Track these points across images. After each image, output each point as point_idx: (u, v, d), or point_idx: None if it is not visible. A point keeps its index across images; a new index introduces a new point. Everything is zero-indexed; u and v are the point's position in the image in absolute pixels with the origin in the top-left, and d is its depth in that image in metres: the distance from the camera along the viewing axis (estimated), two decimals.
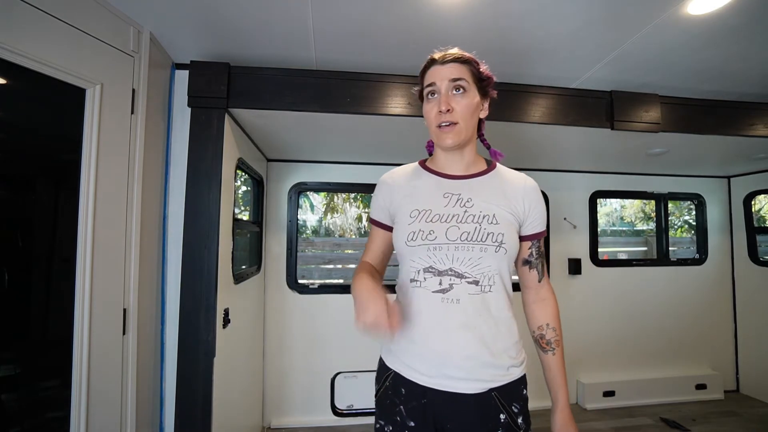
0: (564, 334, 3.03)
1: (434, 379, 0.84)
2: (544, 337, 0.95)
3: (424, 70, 0.92)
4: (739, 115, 1.90)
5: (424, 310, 0.85)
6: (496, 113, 1.68)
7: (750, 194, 2.90)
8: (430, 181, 0.93)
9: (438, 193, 0.90)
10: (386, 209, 0.96)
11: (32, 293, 1.13)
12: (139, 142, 1.37)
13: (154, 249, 1.50)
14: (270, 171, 2.45)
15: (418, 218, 0.87)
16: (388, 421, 0.89)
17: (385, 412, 0.90)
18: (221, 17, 1.31)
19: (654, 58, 1.55)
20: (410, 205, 0.89)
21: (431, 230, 0.85)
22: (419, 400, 0.85)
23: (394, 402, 0.88)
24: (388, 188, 0.96)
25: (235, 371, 1.76)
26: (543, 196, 0.97)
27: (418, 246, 0.85)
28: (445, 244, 0.84)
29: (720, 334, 2.95)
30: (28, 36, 1.03)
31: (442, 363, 0.83)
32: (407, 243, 0.86)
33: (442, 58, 0.89)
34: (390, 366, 0.90)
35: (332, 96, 1.55)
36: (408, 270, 0.88)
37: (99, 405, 1.22)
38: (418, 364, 0.85)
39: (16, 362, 1.08)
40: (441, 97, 0.87)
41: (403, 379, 0.87)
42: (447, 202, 0.88)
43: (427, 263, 0.85)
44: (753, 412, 2.60)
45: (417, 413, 0.85)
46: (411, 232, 0.86)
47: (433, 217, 0.86)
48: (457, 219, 0.86)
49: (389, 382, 0.90)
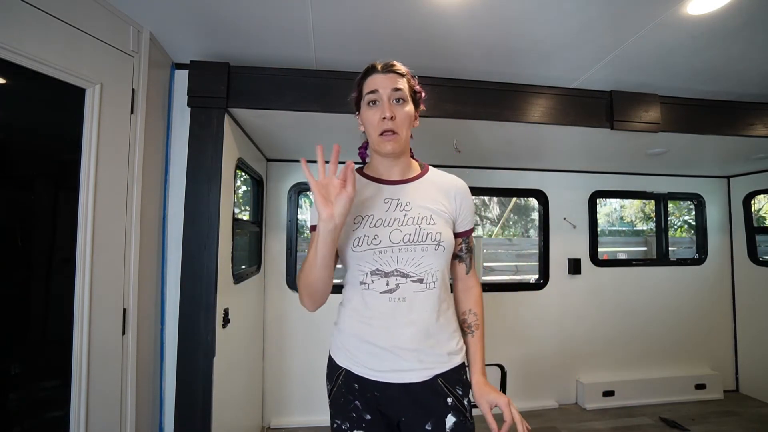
0: (563, 333, 3.03)
1: (385, 374, 0.89)
2: (466, 321, 1.03)
3: (363, 77, 0.96)
4: (739, 115, 1.90)
5: (374, 311, 0.90)
6: (496, 113, 1.68)
7: (750, 194, 2.90)
8: (370, 188, 0.97)
9: (379, 199, 0.95)
10: None
11: (32, 293, 1.13)
12: (138, 142, 1.37)
13: (153, 249, 1.50)
14: (270, 171, 2.45)
15: (362, 224, 0.91)
16: (345, 419, 0.92)
17: (341, 410, 0.93)
18: (221, 17, 1.31)
19: (654, 58, 1.55)
20: (353, 212, 0.92)
21: (375, 234, 0.90)
22: (372, 392, 0.90)
23: (348, 399, 0.92)
24: None
25: (235, 371, 1.76)
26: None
27: (365, 251, 0.89)
28: (389, 247, 0.89)
29: (719, 334, 2.96)
30: (28, 35, 1.03)
31: (391, 358, 0.89)
32: (353, 249, 0.90)
33: (383, 67, 0.94)
34: (340, 364, 0.94)
35: (332, 96, 1.55)
36: (356, 274, 0.92)
37: (98, 405, 1.22)
38: (370, 362, 0.90)
39: (15, 362, 1.08)
40: (384, 105, 0.91)
41: (354, 376, 0.91)
42: (387, 206, 0.94)
43: (373, 266, 0.89)
44: (752, 411, 2.60)
45: (372, 406, 0.91)
46: (357, 238, 0.90)
47: (376, 222, 0.91)
48: (398, 222, 0.91)
49: (342, 380, 0.93)
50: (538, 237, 2.82)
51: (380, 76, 0.93)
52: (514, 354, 2.64)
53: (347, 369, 0.92)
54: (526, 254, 5.08)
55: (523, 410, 2.59)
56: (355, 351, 0.92)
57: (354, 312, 0.93)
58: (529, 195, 2.79)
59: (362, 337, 0.91)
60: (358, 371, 0.91)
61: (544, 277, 2.73)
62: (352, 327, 0.93)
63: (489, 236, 8.55)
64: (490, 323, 2.62)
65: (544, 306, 2.71)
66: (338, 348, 0.96)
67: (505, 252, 5.06)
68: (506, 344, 2.63)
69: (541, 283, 2.73)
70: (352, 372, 0.92)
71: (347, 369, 0.92)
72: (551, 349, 2.70)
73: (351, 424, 0.91)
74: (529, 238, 7.60)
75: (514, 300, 2.68)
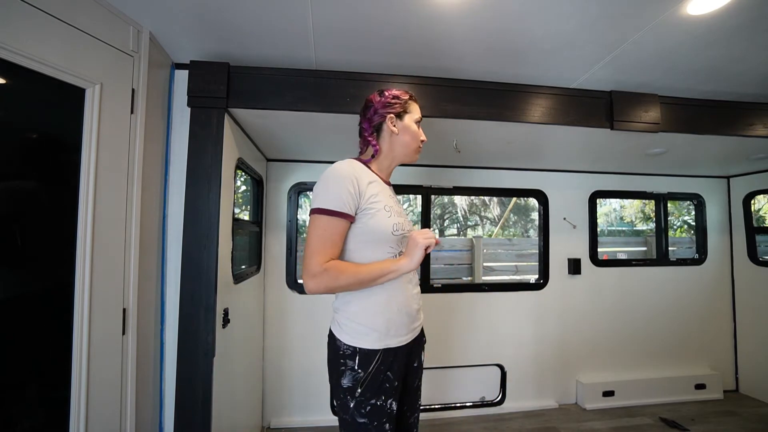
0: (563, 333, 3.05)
1: (408, 335, 1.11)
2: None
3: (412, 99, 1.21)
4: (738, 116, 1.90)
5: (402, 286, 1.11)
6: (496, 113, 1.68)
7: (749, 194, 2.90)
8: (382, 184, 1.15)
9: (387, 194, 1.15)
10: (354, 202, 1.03)
11: (32, 293, 1.13)
12: (138, 142, 1.37)
13: (153, 249, 1.50)
14: (270, 171, 2.45)
15: (392, 213, 1.09)
16: (383, 394, 1.03)
17: (378, 390, 1.03)
18: (221, 17, 1.31)
19: (653, 59, 1.55)
20: (382, 201, 1.08)
21: (402, 222, 1.10)
22: (401, 358, 1.09)
23: (387, 376, 1.04)
24: (356, 182, 1.04)
25: (235, 371, 1.76)
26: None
27: (399, 235, 1.08)
28: (408, 232, 1.13)
29: (719, 333, 2.96)
30: (28, 35, 1.03)
31: (412, 320, 1.13)
32: (393, 232, 1.07)
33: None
34: (377, 348, 1.05)
35: (332, 96, 1.55)
36: (384, 255, 1.08)
37: (98, 405, 1.22)
38: (400, 330, 1.09)
39: (15, 362, 1.08)
40: (420, 131, 1.23)
41: (392, 351, 1.06)
42: (394, 201, 1.16)
43: (399, 249, 1.10)
44: (752, 411, 2.60)
45: (399, 372, 1.08)
46: (394, 224, 1.07)
47: (396, 212, 1.11)
48: (403, 215, 1.15)
49: (380, 361, 1.04)
50: (538, 237, 2.82)
51: (418, 107, 1.24)
52: (514, 354, 2.64)
53: (384, 348, 1.05)
54: (526, 254, 5.08)
55: (523, 410, 2.60)
56: (391, 325, 1.07)
57: (384, 291, 1.07)
58: (529, 195, 2.79)
59: (393, 311, 1.08)
60: (397, 342, 1.07)
61: (544, 277, 2.73)
62: (387, 305, 1.07)
63: (489, 236, 8.55)
64: (490, 323, 2.62)
65: (544, 306, 2.71)
66: (366, 334, 1.05)
67: (505, 252, 5.06)
68: (506, 344, 2.63)
69: (541, 283, 2.74)
70: (390, 348, 1.06)
71: (384, 348, 1.05)
72: (551, 349, 2.70)
73: (387, 397, 1.04)
74: (529, 238, 7.61)
75: (514, 300, 2.68)
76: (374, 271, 1.02)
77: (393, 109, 1.17)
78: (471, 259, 4.72)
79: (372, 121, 1.18)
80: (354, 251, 1.07)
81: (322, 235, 1.00)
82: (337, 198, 1.00)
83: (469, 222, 9.69)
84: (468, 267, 4.73)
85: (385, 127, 1.17)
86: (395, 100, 1.17)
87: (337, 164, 1.05)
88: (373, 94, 1.21)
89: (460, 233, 9.59)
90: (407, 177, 2.58)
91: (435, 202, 8.90)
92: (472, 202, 9.45)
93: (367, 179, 1.07)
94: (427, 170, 2.60)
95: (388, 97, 1.17)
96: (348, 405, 1.02)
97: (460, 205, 9.51)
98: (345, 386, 1.03)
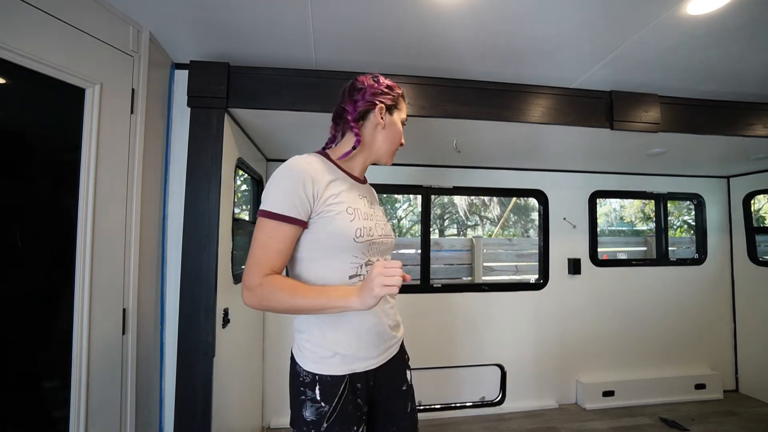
0: (563, 333, 3.04)
1: (380, 357, 0.97)
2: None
3: (402, 98, 1.08)
4: (738, 116, 1.90)
5: None
6: (496, 113, 1.68)
7: (749, 194, 2.90)
8: (347, 181, 0.99)
9: (356, 194, 0.99)
10: (308, 203, 0.88)
11: (32, 293, 1.13)
12: (138, 142, 1.37)
13: (153, 249, 1.50)
14: (270, 171, 2.45)
15: (356, 216, 0.93)
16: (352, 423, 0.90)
17: (348, 418, 0.90)
18: (221, 17, 1.31)
19: (653, 59, 1.55)
20: (345, 203, 0.92)
21: (369, 227, 0.94)
22: (369, 383, 0.96)
23: (356, 403, 0.93)
24: (311, 181, 0.88)
25: (235, 371, 1.76)
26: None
27: (363, 242, 0.92)
28: (377, 239, 0.96)
29: (719, 333, 2.96)
30: (28, 35, 1.03)
31: (384, 341, 0.98)
32: (356, 239, 0.90)
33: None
34: (343, 374, 0.91)
35: (332, 96, 1.55)
36: (346, 266, 0.92)
37: (98, 405, 1.22)
38: (371, 352, 0.95)
39: (15, 362, 1.08)
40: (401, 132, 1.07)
41: (358, 376, 0.94)
42: (363, 202, 0.99)
43: (366, 258, 0.94)
44: (752, 411, 2.60)
45: (366, 396, 0.96)
46: (357, 228, 0.91)
47: (363, 215, 0.95)
48: (375, 217, 1.00)
49: (348, 389, 0.91)
50: (538, 237, 2.82)
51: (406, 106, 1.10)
52: (514, 354, 2.64)
53: (350, 374, 0.92)
54: (526, 254, 5.08)
55: (523, 410, 2.60)
56: (356, 349, 0.93)
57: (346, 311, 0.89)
58: (529, 195, 2.79)
59: (361, 331, 0.93)
60: (363, 367, 0.93)
61: (544, 277, 2.73)
62: (352, 322, 0.93)
63: (489, 236, 8.55)
64: (490, 323, 2.62)
65: (544, 306, 2.71)
66: (328, 358, 0.91)
67: (505, 252, 5.06)
68: (506, 344, 2.63)
69: (541, 283, 2.74)
70: (356, 374, 0.93)
71: (350, 374, 0.92)
72: (551, 349, 2.70)
73: (357, 426, 0.91)
74: (529, 238, 7.60)
75: (514, 300, 2.68)
76: (315, 300, 0.83)
77: (385, 100, 1.02)
78: (471, 259, 4.71)
79: (357, 105, 1.00)
80: (308, 260, 0.92)
81: (266, 242, 0.86)
82: (285, 200, 0.86)
83: (469, 222, 9.69)
84: (468, 267, 4.73)
85: (371, 117, 1.01)
86: (389, 90, 1.03)
87: (292, 160, 0.90)
88: (364, 76, 1.04)
89: (460, 233, 9.59)
90: (407, 177, 2.58)
91: (435, 202, 8.90)
92: (472, 202, 9.45)
93: (327, 177, 0.92)
94: (427, 170, 2.60)
95: (381, 85, 1.03)
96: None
97: (460, 205, 9.51)
98: (308, 419, 0.90)
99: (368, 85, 1.02)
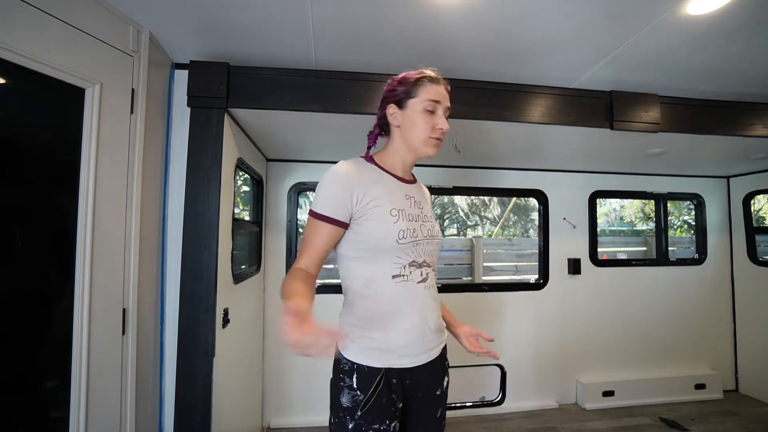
0: (563, 333, 3.04)
1: (419, 357, 0.97)
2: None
3: (420, 81, 0.99)
4: (738, 115, 1.90)
5: (412, 301, 0.97)
6: (496, 113, 1.68)
7: (749, 194, 2.90)
8: (392, 182, 1.01)
9: (401, 194, 1.01)
10: (347, 205, 0.93)
11: (31, 293, 1.13)
12: (138, 142, 1.37)
13: (153, 249, 1.50)
14: (269, 171, 2.45)
15: (400, 217, 0.95)
16: (384, 417, 0.92)
17: (380, 412, 0.92)
18: (221, 17, 1.31)
19: (653, 59, 1.55)
20: (388, 204, 0.95)
21: (413, 228, 0.97)
22: (405, 381, 0.97)
23: (390, 398, 0.94)
24: (350, 183, 0.93)
25: (235, 371, 1.76)
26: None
27: (407, 243, 0.95)
28: (422, 240, 0.98)
29: (719, 333, 2.96)
30: (27, 35, 1.03)
31: (425, 342, 0.98)
32: (398, 241, 0.94)
33: (444, 82, 1.02)
34: (380, 367, 0.94)
35: (332, 96, 1.55)
36: (389, 266, 0.95)
37: (98, 405, 1.22)
38: (409, 350, 0.96)
39: (15, 362, 1.08)
40: (441, 117, 1.00)
41: (393, 372, 0.95)
42: (409, 203, 1.01)
43: (411, 258, 0.97)
44: (752, 411, 2.60)
45: (401, 393, 0.97)
46: (400, 230, 0.94)
47: (408, 216, 0.97)
48: (421, 218, 1.01)
49: (383, 382, 0.93)
50: (538, 237, 2.82)
51: (442, 89, 1.00)
52: (514, 354, 2.64)
53: (387, 368, 0.94)
54: (526, 254, 5.08)
55: (523, 410, 2.60)
56: (395, 345, 0.94)
57: (389, 305, 0.95)
58: (529, 195, 2.79)
59: (401, 330, 0.95)
60: (399, 364, 0.95)
61: (544, 277, 2.73)
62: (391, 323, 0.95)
63: (489, 236, 8.55)
64: (490, 323, 2.62)
65: (544, 306, 2.71)
66: (368, 351, 0.94)
67: (505, 252, 5.06)
68: (506, 344, 2.63)
69: (541, 283, 2.74)
70: (392, 369, 0.95)
71: (387, 368, 0.94)
72: (551, 349, 2.70)
73: (390, 421, 0.94)
74: (529, 238, 7.61)
75: (514, 300, 2.68)
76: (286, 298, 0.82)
77: (393, 98, 1.01)
78: (471, 259, 4.72)
79: (378, 113, 1.06)
80: (353, 259, 0.97)
81: (308, 237, 0.95)
82: (327, 202, 0.93)
83: (469, 222, 9.69)
84: (468, 267, 4.73)
85: (389, 119, 1.04)
86: (399, 86, 1.01)
87: (336, 165, 0.97)
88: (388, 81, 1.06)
89: (460, 233, 9.59)
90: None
91: (435, 202, 8.90)
92: (472, 202, 9.45)
93: (370, 181, 0.96)
94: (427, 170, 2.60)
95: (393, 83, 1.02)
96: (346, 426, 0.93)
97: (460, 205, 9.51)
98: (344, 405, 0.94)
99: (383, 91, 1.05)
